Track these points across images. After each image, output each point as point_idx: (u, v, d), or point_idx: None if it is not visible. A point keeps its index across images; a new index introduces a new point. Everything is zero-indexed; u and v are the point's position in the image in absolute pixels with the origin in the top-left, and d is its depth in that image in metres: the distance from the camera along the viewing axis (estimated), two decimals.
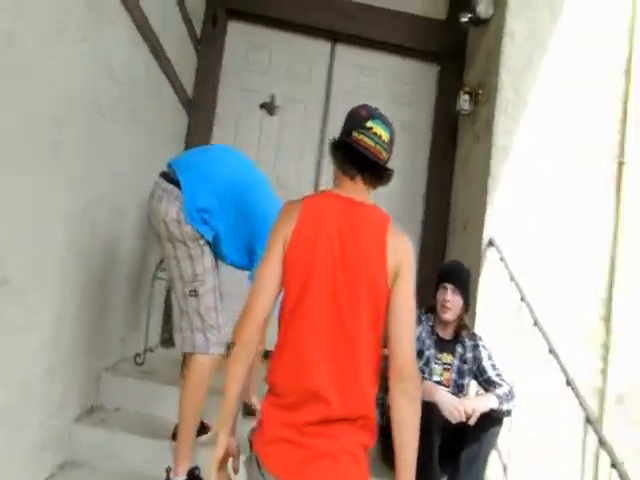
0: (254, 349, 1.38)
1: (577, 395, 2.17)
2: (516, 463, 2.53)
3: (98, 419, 2.40)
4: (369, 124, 1.41)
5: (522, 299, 2.66)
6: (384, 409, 2.11)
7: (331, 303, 1.34)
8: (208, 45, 3.85)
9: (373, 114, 1.43)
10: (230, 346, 1.38)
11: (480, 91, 3.66)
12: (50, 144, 1.75)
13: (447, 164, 3.98)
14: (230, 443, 1.36)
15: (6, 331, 1.65)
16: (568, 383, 2.23)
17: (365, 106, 1.47)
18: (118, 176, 2.48)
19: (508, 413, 2.34)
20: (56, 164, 1.81)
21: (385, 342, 1.38)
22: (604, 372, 3.15)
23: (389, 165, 1.46)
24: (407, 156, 4.04)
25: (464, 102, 3.71)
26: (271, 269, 1.38)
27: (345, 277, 1.35)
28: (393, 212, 3.82)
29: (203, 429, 2.18)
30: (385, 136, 1.42)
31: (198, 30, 3.76)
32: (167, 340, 3.42)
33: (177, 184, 1.96)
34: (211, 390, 2.04)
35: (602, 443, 1.96)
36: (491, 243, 3.12)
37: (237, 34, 3.93)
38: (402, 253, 1.39)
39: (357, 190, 1.44)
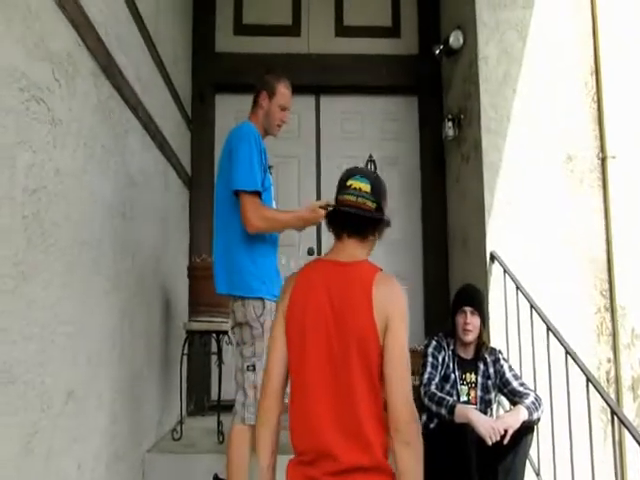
0: (275, 418, 1.59)
1: (599, 391, 2.41)
2: (547, 466, 2.78)
3: None
4: (348, 182, 1.61)
5: (532, 307, 2.91)
6: None
7: (327, 362, 1.50)
8: (199, 122, 4.28)
9: (352, 173, 1.63)
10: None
11: (462, 115, 4.00)
12: (90, 253, 2.11)
13: (439, 188, 4.37)
14: None
15: (75, 440, 1.94)
16: (589, 381, 2.47)
17: (348, 169, 1.67)
18: (142, 267, 2.85)
19: (538, 420, 2.56)
20: (95, 269, 2.17)
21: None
22: (616, 361, 3.46)
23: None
24: (401, 186, 4.44)
25: (449, 129, 4.07)
26: (275, 341, 1.59)
27: (337, 335, 1.50)
28: (393, 238, 4.16)
29: None
30: (365, 187, 1.58)
31: (188, 109, 4.20)
32: (193, 410, 3.89)
33: None
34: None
35: (629, 430, 2.21)
36: (493, 257, 3.40)
37: (225, 106, 4.35)
38: (390, 302, 1.50)
39: (347, 248, 1.60)
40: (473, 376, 2.73)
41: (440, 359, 2.69)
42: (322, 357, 1.51)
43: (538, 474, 2.83)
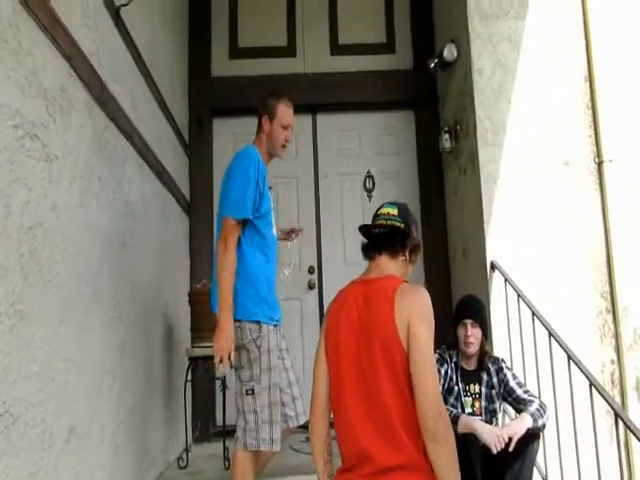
0: (324, 429, 1.73)
1: (603, 394, 2.40)
2: (554, 471, 2.74)
3: None
4: (379, 212, 1.83)
5: (534, 314, 2.89)
6: None
7: (357, 372, 1.62)
8: (197, 146, 4.27)
9: (383, 204, 1.86)
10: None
11: (458, 127, 3.99)
12: (89, 286, 2.09)
13: (438, 200, 4.34)
14: None
15: (78, 476, 1.90)
16: (592, 385, 2.45)
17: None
18: (143, 297, 2.82)
19: (543, 427, 2.54)
20: (94, 302, 2.15)
21: None
22: (620, 362, 3.43)
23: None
24: (399, 199, 4.19)
25: (445, 141, 4.05)
26: (318, 357, 1.74)
27: (364, 345, 1.62)
28: None
29: None
30: (392, 211, 1.79)
31: (185, 134, 4.19)
32: (198, 437, 3.85)
33: None
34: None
35: (634, 434, 2.20)
36: (493, 266, 3.38)
37: (223, 129, 4.34)
38: (410, 308, 1.60)
39: (378, 266, 1.75)
40: (477, 387, 2.70)
41: (443, 372, 2.68)
42: (353, 368, 1.63)
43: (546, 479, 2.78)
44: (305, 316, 4.21)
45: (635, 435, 2.18)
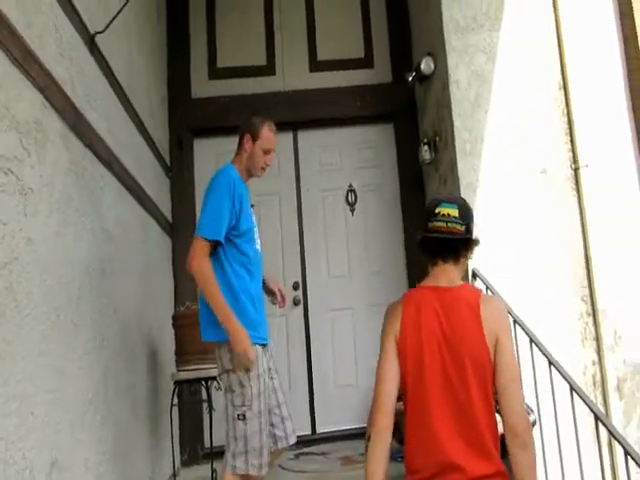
0: (390, 436, 1.65)
1: (584, 399, 2.44)
2: (538, 473, 2.71)
3: None
4: (437, 210, 1.71)
5: (515, 321, 2.89)
6: None
7: (443, 380, 1.61)
8: (178, 168, 4.27)
9: (439, 200, 1.74)
10: (367, 436, 1.67)
11: (437, 138, 4.01)
12: (68, 316, 2.07)
13: (419, 210, 4.25)
14: None
15: None
16: (573, 389, 2.48)
17: (434, 198, 1.81)
18: (125, 323, 2.79)
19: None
20: (74, 332, 2.11)
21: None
22: (601, 363, 3.48)
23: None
24: (382, 212, 4.44)
25: (425, 152, 4.08)
26: (388, 362, 1.68)
27: (450, 355, 1.61)
28: (378, 263, 4.08)
29: None
30: (453, 212, 1.69)
31: (166, 156, 4.18)
32: (187, 460, 3.80)
33: None
34: None
35: (615, 438, 2.23)
36: (475, 274, 3.39)
37: (204, 150, 4.34)
38: (497, 319, 1.64)
39: (445, 273, 1.72)
40: None
41: None
42: (438, 378, 1.61)
43: None
44: (291, 333, 4.19)
45: (616, 438, 2.19)
